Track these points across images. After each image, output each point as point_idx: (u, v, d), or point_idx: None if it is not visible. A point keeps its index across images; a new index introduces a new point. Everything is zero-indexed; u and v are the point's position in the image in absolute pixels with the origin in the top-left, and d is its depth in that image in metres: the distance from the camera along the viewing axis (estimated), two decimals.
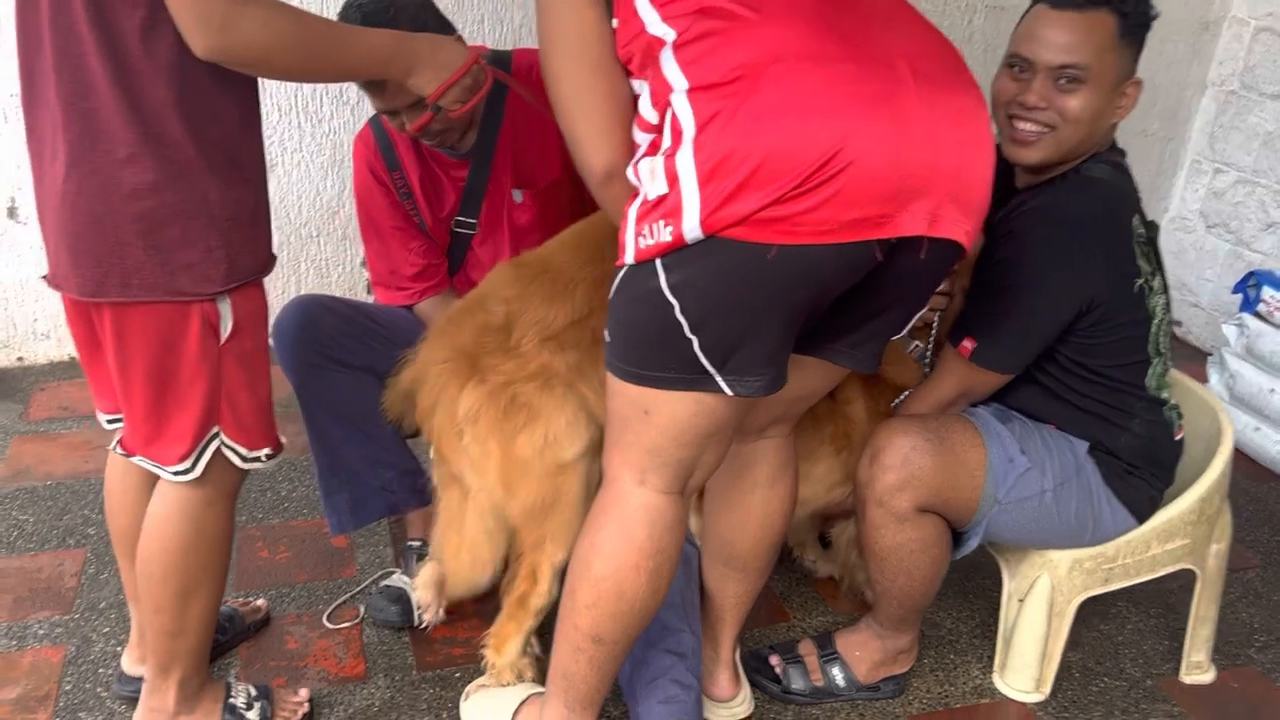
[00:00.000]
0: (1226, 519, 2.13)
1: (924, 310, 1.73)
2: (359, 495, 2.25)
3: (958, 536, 1.92)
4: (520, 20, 3.34)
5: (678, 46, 1.40)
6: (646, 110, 1.45)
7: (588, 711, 1.73)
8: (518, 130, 2.19)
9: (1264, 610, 2.43)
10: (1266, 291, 3.01)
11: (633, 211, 1.44)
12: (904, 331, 1.67)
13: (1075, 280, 1.79)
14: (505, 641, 1.93)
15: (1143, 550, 2.03)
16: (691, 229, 1.35)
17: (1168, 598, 2.38)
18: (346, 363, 2.19)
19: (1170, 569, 2.08)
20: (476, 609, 2.23)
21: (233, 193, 1.56)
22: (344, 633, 2.20)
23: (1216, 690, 2.17)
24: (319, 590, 2.32)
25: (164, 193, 1.49)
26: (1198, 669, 2.19)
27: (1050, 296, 1.80)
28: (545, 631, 1.91)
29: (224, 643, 2.09)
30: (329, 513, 2.25)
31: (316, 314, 2.17)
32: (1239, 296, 3.14)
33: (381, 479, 2.25)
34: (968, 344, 1.84)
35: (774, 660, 2.10)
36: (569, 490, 1.82)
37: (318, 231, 3.40)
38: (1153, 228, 1.90)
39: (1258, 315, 3.05)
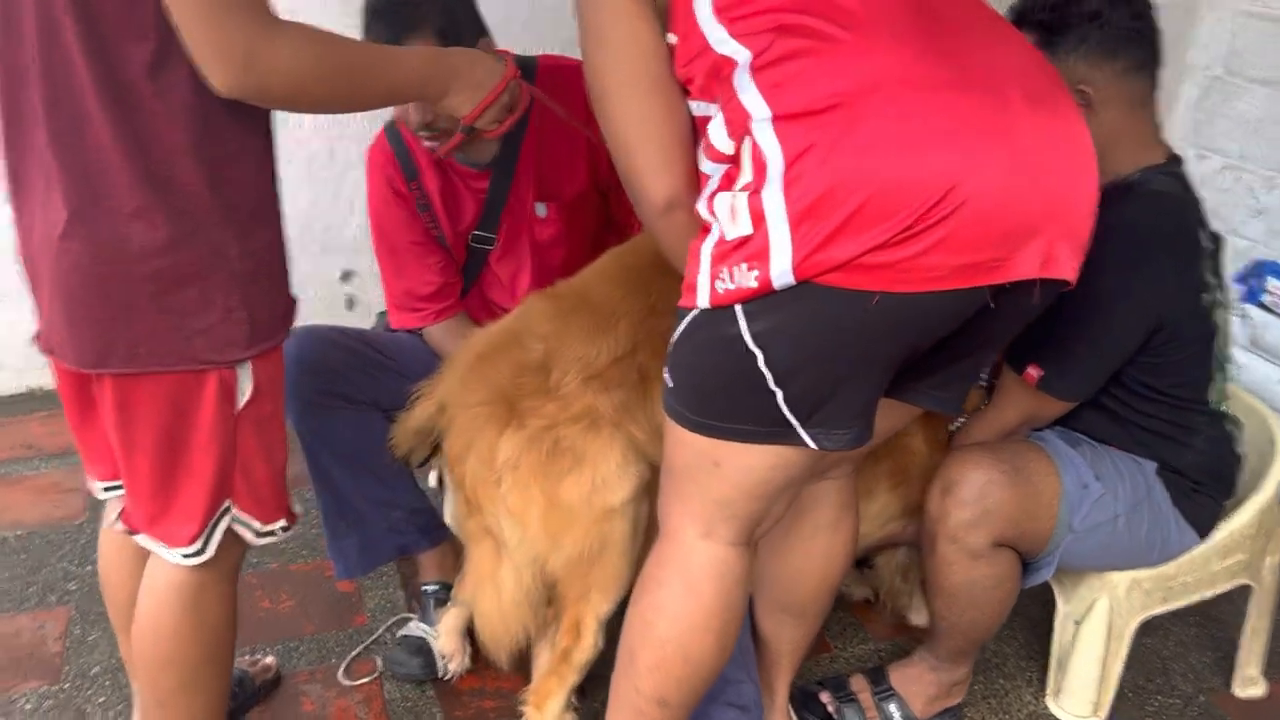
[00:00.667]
0: None
1: None
2: (367, 538, 2.10)
3: (1026, 565, 1.83)
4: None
5: (756, 69, 1.26)
6: (719, 138, 1.31)
7: None
8: (542, 139, 2.05)
9: None
10: (1271, 282, 2.98)
11: (707, 250, 1.31)
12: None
13: (1147, 301, 1.70)
14: (547, 699, 1.80)
15: (1203, 567, 1.96)
16: (781, 275, 1.22)
17: (1209, 609, 2.31)
18: (352, 399, 2.04)
19: (1229, 584, 2.02)
20: None
21: (253, 243, 1.40)
22: (363, 689, 2.05)
23: (1272, 703, 2.12)
24: (330, 642, 2.16)
25: (178, 250, 1.32)
26: (1251, 683, 2.14)
27: (1121, 319, 1.71)
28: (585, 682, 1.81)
29: (234, 709, 1.93)
30: (335, 557, 2.11)
31: (319, 348, 2.02)
32: (1239, 288, 3.11)
33: (390, 520, 2.10)
34: (1033, 371, 1.74)
35: (825, 698, 1.99)
36: (617, 537, 1.70)
37: (293, 246, 3.20)
38: (1218, 240, 1.83)
39: (1263, 306, 3.01)
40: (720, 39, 1.30)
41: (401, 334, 2.25)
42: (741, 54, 1.28)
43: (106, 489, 1.60)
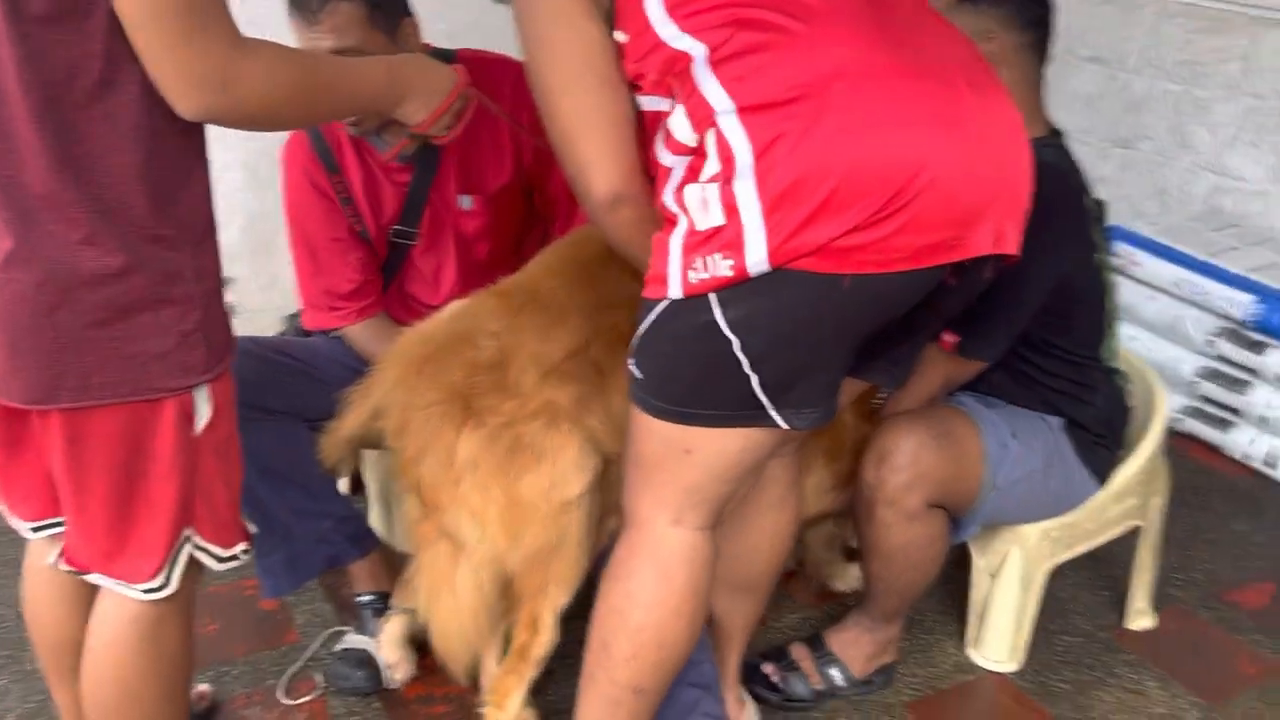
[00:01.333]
0: (1164, 473, 2.25)
1: None
2: (295, 552, 2.05)
3: (954, 523, 1.95)
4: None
5: (715, 62, 1.30)
6: (681, 130, 1.34)
7: None
8: (466, 132, 2.03)
9: (1171, 550, 2.60)
10: (1116, 245, 3.21)
11: (676, 242, 1.34)
12: None
13: (1048, 262, 1.82)
14: (507, 696, 1.80)
15: (1101, 513, 2.12)
16: (757, 262, 1.27)
17: (1096, 551, 2.50)
18: (271, 409, 1.98)
19: (1123, 527, 2.19)
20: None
21: (204, 264, 1.36)
22: (306, 707, 2.00)
23: (1159, 634, 2.31)
24: (264, 662, 2.10)
25: (131, 276, 1.27)
26: (1141, 615, 2.33)
27: (1027, 281, 1.82)
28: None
29: None
30: (262, 575, 2.05)
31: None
32: None
33: (319, 531, 2.06)
34: (949, 338, 1.85)
35: (768, 669, 2.06)
36: (574, 530, 1.71)
37: None
38: (1101, 205, 1.97)
39: None
40: (673, 35, 1.33)
41: (316, 338, 2.19)
42: (696, 48, 1.32)
43: (36, 529, 1.51)
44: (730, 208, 1.28)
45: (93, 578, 1.44)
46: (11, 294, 1.26)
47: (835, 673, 2.05)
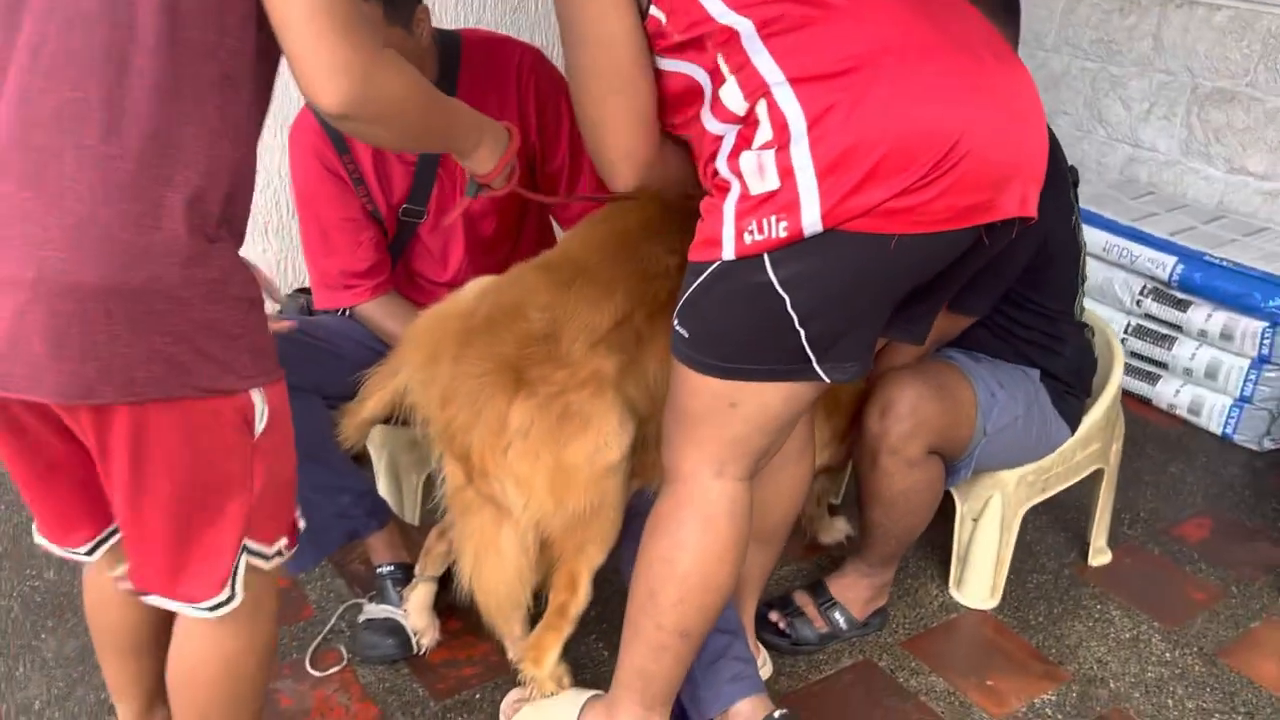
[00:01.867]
0: (1121, 419, 2.44)
1: None
2: (315, 527, 2.06)
3: (949, 469, 2.09)
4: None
5: (766, 36, 1.40)
6: (733, 100, 1.44)
7: (665, 708, 1.74)
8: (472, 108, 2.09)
9: (1116, 493, 2.80)
10: None
11: (730, 207, 1.44)
12: None
13: (1034, 223, 1.96)
14: (545, 653, 1.88)
15: (1070, 458, 2.30)
16: (811, 223, 1.37)
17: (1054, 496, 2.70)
18: (293, 386, 2.01)
19: (1089, 470, 2.37)
20: (466, 625, 2.15)
21: (244, 268, 1.34)
22: (336, 678, 2.05)
23: (1116, 568, 2.50)
24: (284, 637, 2.13)
25: (192, 269, 1.23)
26: (1100, 553, 2.52)
27: (1018, 241, 1.96)
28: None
29: None
30: None
31: None
32: None
33: (338, 505, 2.09)
34: None
35: (775, 616, 2.18)
36: (613, 492, 1.79)
37: None
38: (1075, 172, 2.14)
39: None
40: (721, 11, 1.42)
41: (324, 316, 2.22)
42: (743, 24, 1.41)
43: (90, 550, 1.50)
44: (785, 171, 1.38)
45: (153, 599, 1.41)
46: (64, 283, 1.18)
47: (838, 615, 2.18)
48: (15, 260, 1.18)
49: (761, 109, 1.40)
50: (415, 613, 2.06)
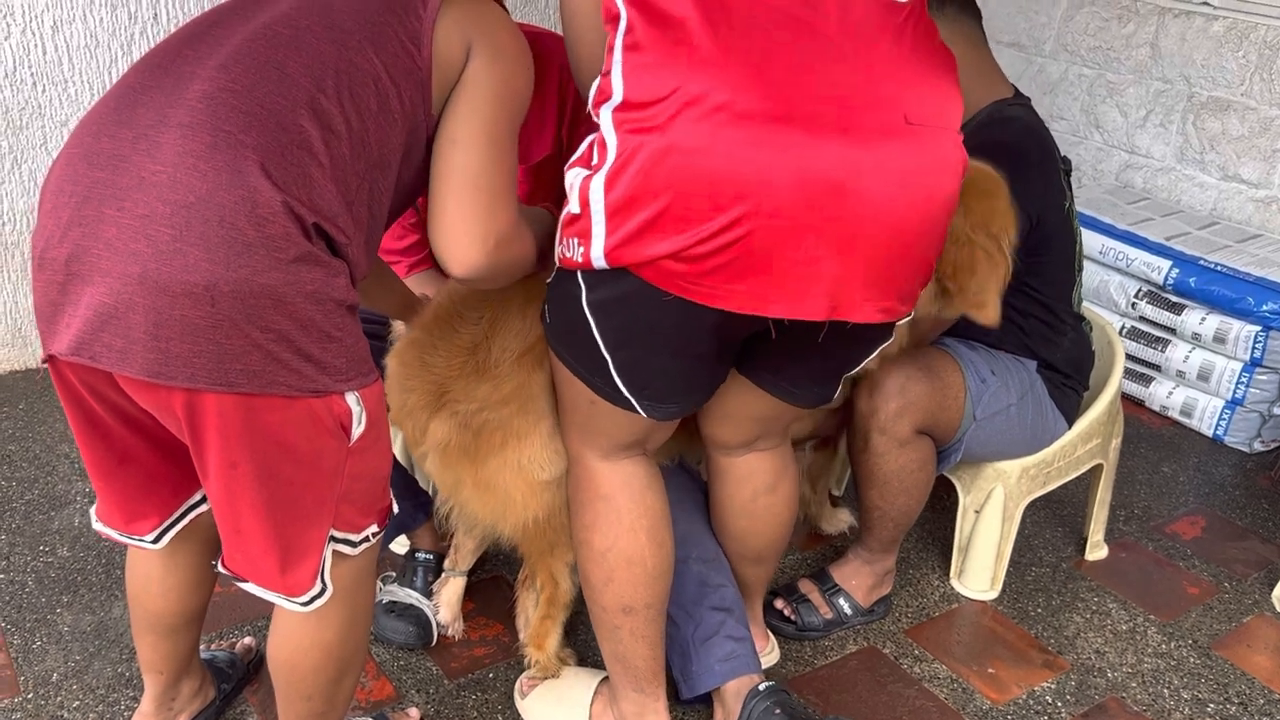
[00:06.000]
0: (1121, 416, 2.49)
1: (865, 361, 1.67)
2: None
3: (939, 454, 2.14)
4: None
5: (626, 48, 1.34)
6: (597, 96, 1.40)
7: (655, 686, 1.77)
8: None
9: (1112, 491, 2.87)
10: None
11: (562, 217, 1.45)
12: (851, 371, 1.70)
13: (1025, 206, 1.95)
14: (545, 638, 1.92)
15: (1071, 452, 2.35)
16: (597, 257, 1.37)
17: (1051, 492, 2.75)
18: None
19: (1088, 465, 2.42)
20: (479, 606, 2.18)
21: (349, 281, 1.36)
22: None
23: (1113, 562, 2.56)
24: None
25: (313, 269, 1.24)
26: (1097, 547, 2.57)
27: None
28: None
29: (230, 690, 1.91)
30: None
31: None
32: None
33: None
34: None
35: (780, 604, 2.22)
36: (558, 504, 1.77)
37: None
38: (1068, 162, 2.19)
39: None
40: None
41: None
42: (623, 17, 1.35)
43: (156, 538, 1.52)
44: (584, 201, 1.36)
45: (247, 587, 1.43)
46: (173, 262, 1.18)
47: (842, 602, 2.22)
48: (130, 233, 1.19)
49: (601, 126, 1.36)
50: (446, 607, 2.09)
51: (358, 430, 1.35)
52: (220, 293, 1.18)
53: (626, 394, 1.50)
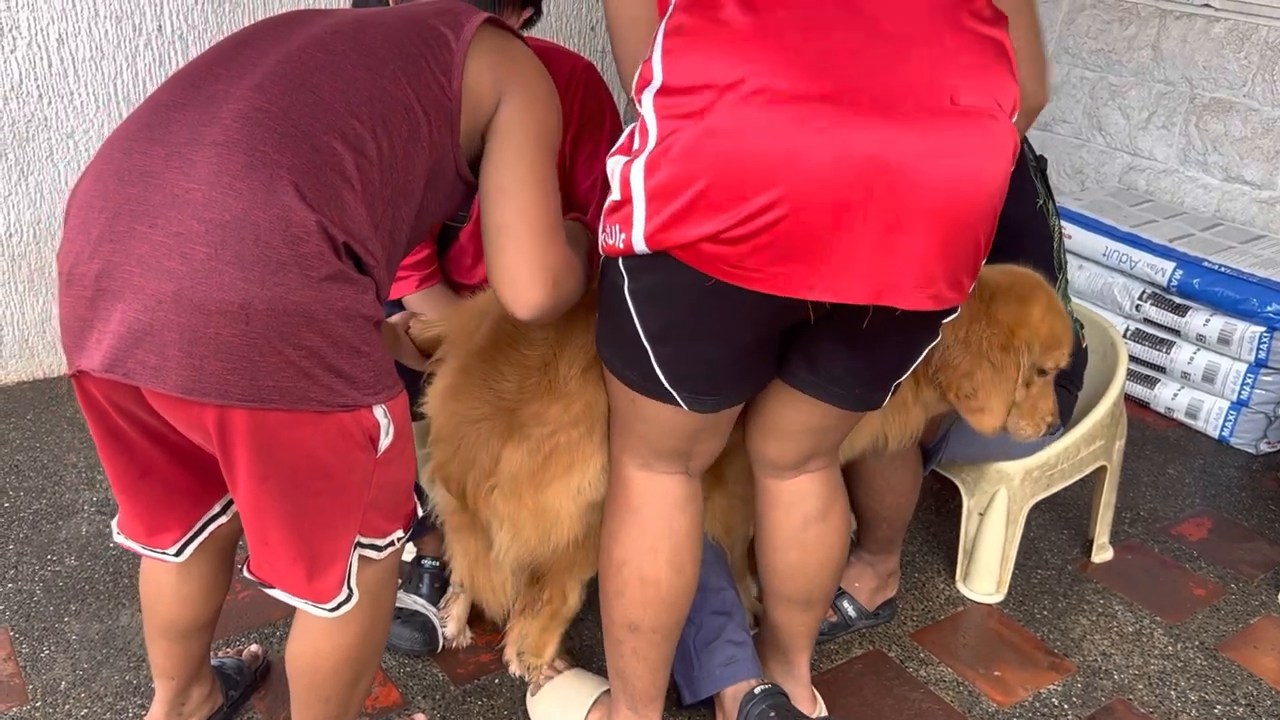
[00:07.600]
0: (1124, 417, 2.49)
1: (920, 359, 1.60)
2: None
3: (925, 455, 2.14)
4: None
5: (668, 33, 1.34)
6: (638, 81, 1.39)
7: (650, 709, 1.75)
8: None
9: (1117, 493, 2.86)
10: None
11: (606, 204, 1.44)
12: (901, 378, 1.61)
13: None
14: (545, 648, 1.93)
15: (1075, 454, 2.35)
16: (638, 242, 1.36)
17: (1054, 495, 2.75)
18: None
19: (1092, 468, 2.42)
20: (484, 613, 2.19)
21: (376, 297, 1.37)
22: None
23: (1119, 564, 2.56)
24: None
25: (343, 287, 1.25)
26: (1102, 550, 2.57)
27: None
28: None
29: (238, 697, 1.91)
30: None
31: None
32: None
33: None
34: None
35: None
36: (598, 519, 1.75)
37: None
38: (1042, 160, 2.19)
39: None
40: None
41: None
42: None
43: (178, 551, 1.54)
44: (625, 185, 1.35)
45: (275, 593, 1.43)
46: (209, 281, 1.18)
47: (847, 605, 2.22)
48: (163, 250, 1.19)
49: (641, 111, 1.35)
50: (454, 621, 2.10)
51: (385, 442, 1.36)
52: (255, 311, 1.19)
53: (667, 385, 1.48)
